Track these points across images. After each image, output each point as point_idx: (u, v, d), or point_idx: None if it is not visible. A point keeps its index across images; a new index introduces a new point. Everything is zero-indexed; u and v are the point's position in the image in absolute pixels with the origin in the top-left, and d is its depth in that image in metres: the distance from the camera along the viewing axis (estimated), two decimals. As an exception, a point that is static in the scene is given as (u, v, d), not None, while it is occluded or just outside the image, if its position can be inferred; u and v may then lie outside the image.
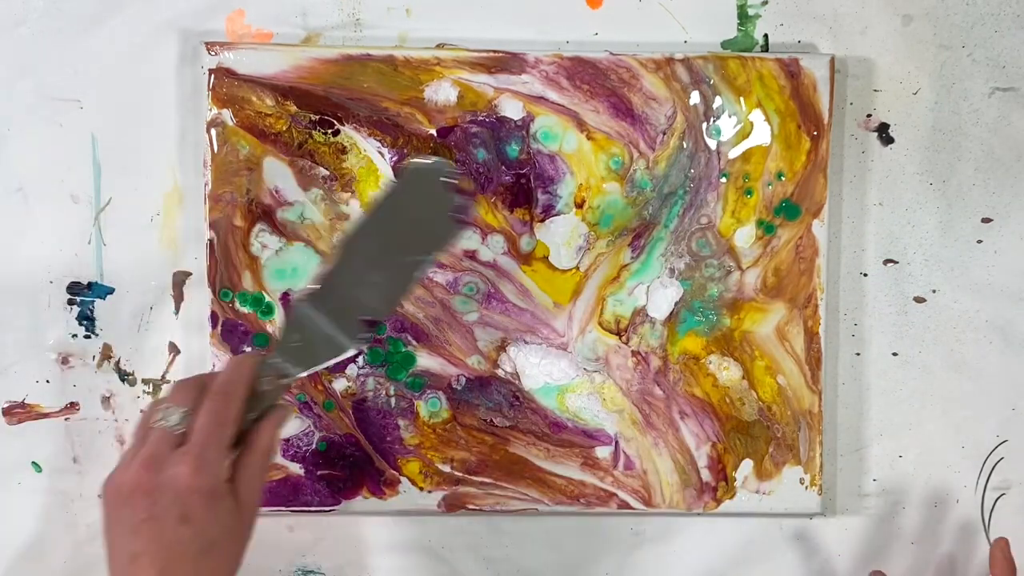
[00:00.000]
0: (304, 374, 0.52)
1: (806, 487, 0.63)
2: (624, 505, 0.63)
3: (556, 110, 0.62)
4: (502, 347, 0.63)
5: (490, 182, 0.62)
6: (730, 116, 0.62)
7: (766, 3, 0.63)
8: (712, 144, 0.62)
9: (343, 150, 0.61)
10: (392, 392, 0.62)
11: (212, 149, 0.61)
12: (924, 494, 0.65)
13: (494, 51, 0.61)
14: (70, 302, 0.63)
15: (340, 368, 0.62)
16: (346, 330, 0.52)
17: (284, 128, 0.61)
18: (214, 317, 0.61)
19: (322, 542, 0.64)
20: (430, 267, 0.60)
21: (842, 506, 0.65)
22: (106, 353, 0.63)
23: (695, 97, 0.62)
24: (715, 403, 0.63)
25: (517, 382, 0.63)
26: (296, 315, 0.52)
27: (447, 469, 0.63)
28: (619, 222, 0.62)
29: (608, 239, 0.62)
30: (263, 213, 0.61)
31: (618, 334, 0.63)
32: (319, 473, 0.62)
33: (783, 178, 0.62)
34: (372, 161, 0.62)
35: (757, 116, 0.62)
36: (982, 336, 0.65)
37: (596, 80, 0.62)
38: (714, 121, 0.62)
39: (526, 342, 0.63)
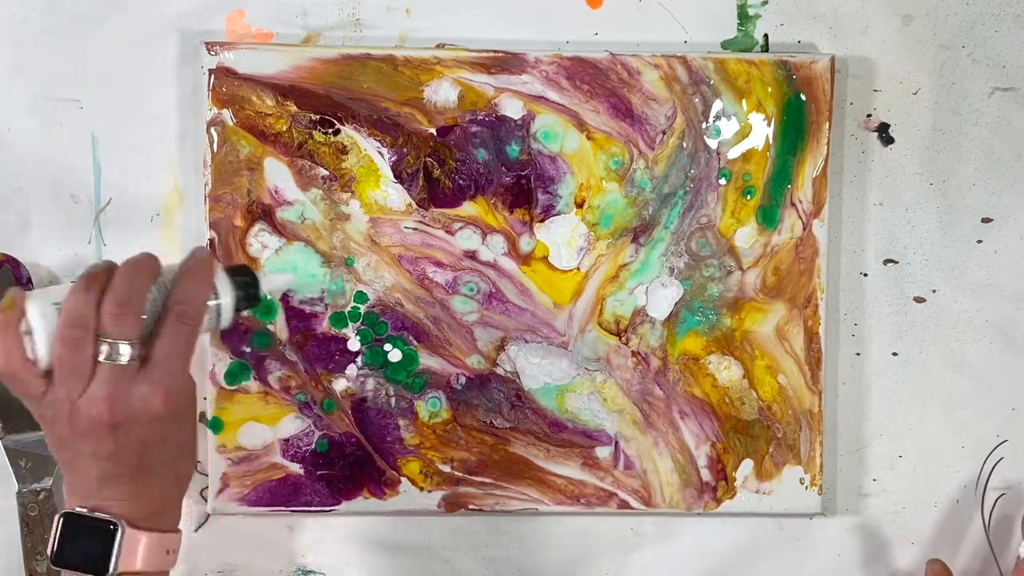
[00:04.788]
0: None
1: (806, 487, 0.63)
2: (624, 505, 0.63)
3: (556, 110, 0.62)
4: (502, 346, 0.63)
5: (490, 182, 0.62)
6: (730, 116, 0.62)
7: (766, 3, 0.63)
8: (712, 144, 0.62)
9: (343, 150, 0.61)
10: (392, 392, 0.62)
11: (212, 149, 0.61)
12: (924, 494, 0.65)
13: (494, 51, 0.61)
14: (70, 302, 0.63)
15: (340, 368, 0.62)
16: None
17: (284, 128, 0.61)
18: (214, 317, 0.61)
19: (322, 542, 0.64)
20: None
21: (842, 506, 0.65)
22: (106, 353, 0.63)
23: (695, 97, 0.62)
24: (715, 403, 0.63)
25: (517, 380, 0.63)
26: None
27: (447, 469, 0.63)
28: (619, 222, 0.62)
29: (608, 240, 0.62)
30: (263, 213, 0.61)
31: (618, 334, 0.63)
32: (319, 473, 0.62)
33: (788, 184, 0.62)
34: (372, 161, 0.62)
35: (757, 116, 0.62)
36: (982, 336, 0.65)
37: (596, 80, 0.62)
38: (714, 121, 0.62)
39: (526, 341, 0.63)
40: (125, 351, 0.47)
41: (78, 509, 0.49)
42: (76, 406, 0.47)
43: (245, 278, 0.53)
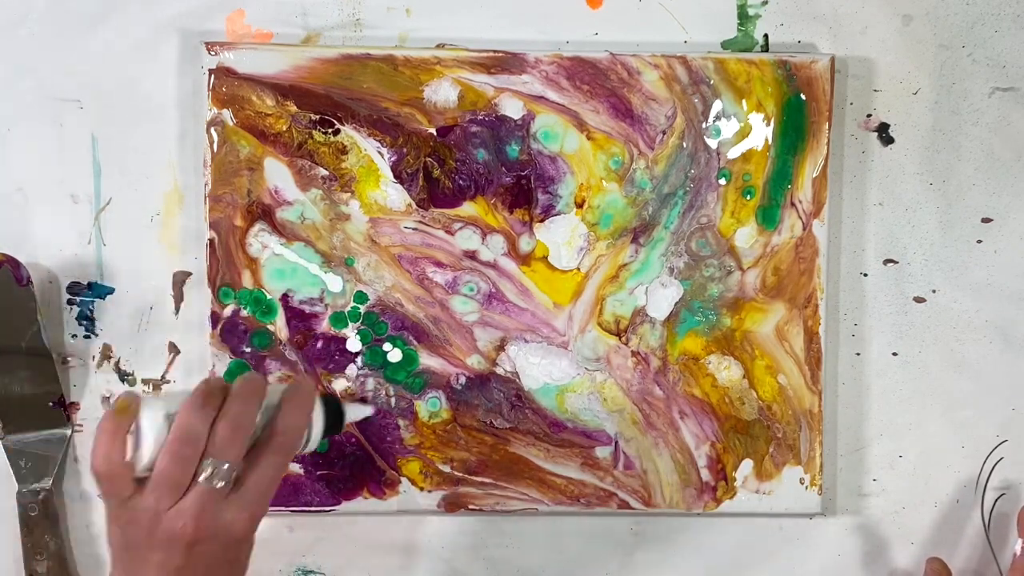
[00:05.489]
0: None
1: (806, 487, 0.63)
2: (624, 505, 0.63)
3: (556, 110, 0.62)
4: (502, 347, 0.63)
5: (490, 182, 0.62)
6: (730, 116, 0.62)
7: (766, 3, 0.63)
8: (712, 144, 0.62)
9: (343, 150, 0.61)
10: (392, 392, 0.62)
11: (212, 149, 0.61)
12: (924, 494, 0.65)
13: (494, 51, 0.61)
14: (70, 302, 0.63)
15: (340, 368, 0.62)
16: None
17: (284, 128, 0.61)
18: (214, 317, 0.61)
19: (322, 542, 0.64)
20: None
21: (842, 506, 0.65)
22: (106, 353, 0.63)
23: (695, 97, 0.62)
24: (714, 403, 0.63)
25: (517, 380, 0.63)
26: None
27: (447, 469, 0.63)
28: (619, 222, 0.62)
29: (608, 240, 0.62)
30: (263, 213, 0.61)
31: (618, 334, 0.63)
32: (319, 473, 0.62)
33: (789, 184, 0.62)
34: (372, 161, 0.62)
35: (757, 116, 0.62)
36: (982, 336, 0.65)
37: (596, 80, 0.62)
38: (714, 121, 0.62)
39: (526, 341, 0.63)
40: (226, 474, 0.47)
41: None
42: (161, 517, 0.47)
43: (334, 407, 0.53)
